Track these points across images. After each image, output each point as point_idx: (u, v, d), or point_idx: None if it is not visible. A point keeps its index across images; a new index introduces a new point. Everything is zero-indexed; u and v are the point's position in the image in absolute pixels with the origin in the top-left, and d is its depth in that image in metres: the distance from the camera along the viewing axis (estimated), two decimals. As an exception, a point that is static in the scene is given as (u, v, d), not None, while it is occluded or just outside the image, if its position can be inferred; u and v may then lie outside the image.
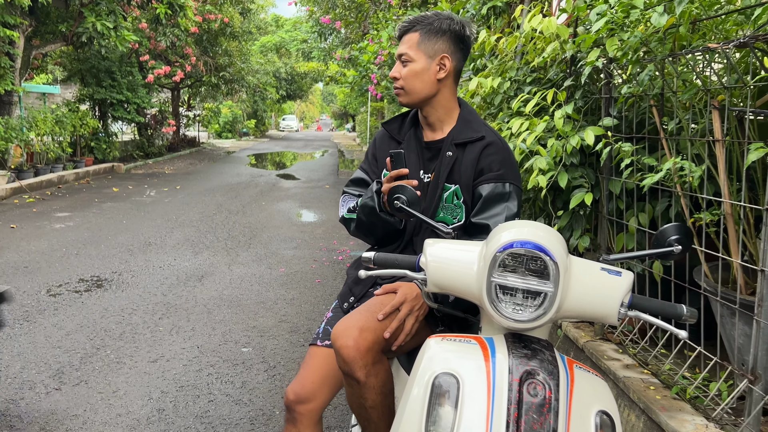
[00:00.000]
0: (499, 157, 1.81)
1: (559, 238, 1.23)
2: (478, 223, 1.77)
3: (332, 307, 2.00)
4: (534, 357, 1.18)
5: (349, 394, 1.65)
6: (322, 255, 6.25)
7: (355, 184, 2.03)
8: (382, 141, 2.00)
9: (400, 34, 1.88)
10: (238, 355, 3.60)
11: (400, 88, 1.86)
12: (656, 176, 2.44)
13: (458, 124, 1.90)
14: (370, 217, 1.80)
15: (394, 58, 1.96)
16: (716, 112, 2.28)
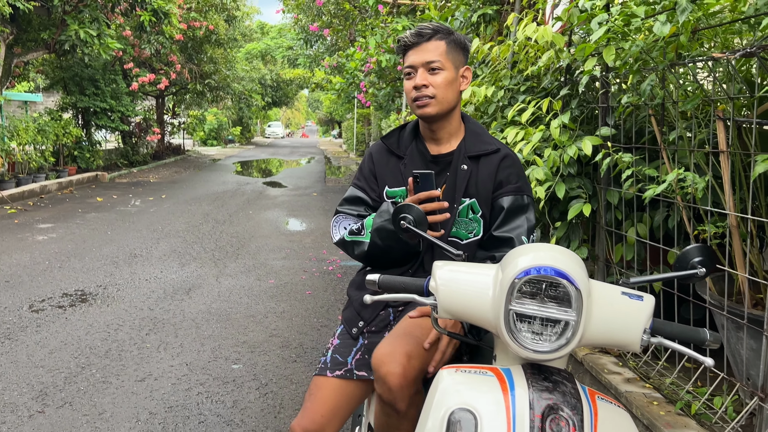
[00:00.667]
0: (516, 170, 1.78)
1: (579, 261, 1.16)
2: (501, 236, 1.72)
3: (338, 333, 1.89)
4: (555, 390, 1.11)
5: (381, 424, 1.56)
6: (311, 265, 6.15)
7: (350, 203, 1.92)
8: (380, 156, 1.90)
9: (415, 40, 1.76)
10: (229, 373, 3.50)
11: (430, 97, 1.74)
12: (659, 188, 2.39)
13: (467, 136, 1.83)
14: (387, 240, 1.71)
15: (407, 67, 1.82)
16: (720, 123, 2.23)
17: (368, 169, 1.91)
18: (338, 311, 4.67)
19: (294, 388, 3.33)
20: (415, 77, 1.76)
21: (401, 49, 1.83)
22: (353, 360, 1.77)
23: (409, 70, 1.78)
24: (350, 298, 1.91)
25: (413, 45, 1.78)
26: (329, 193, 12.57)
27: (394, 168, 1.86)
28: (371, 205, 1.87)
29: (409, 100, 1.81)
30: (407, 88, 1.80)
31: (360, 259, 1.83)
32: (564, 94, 3.24)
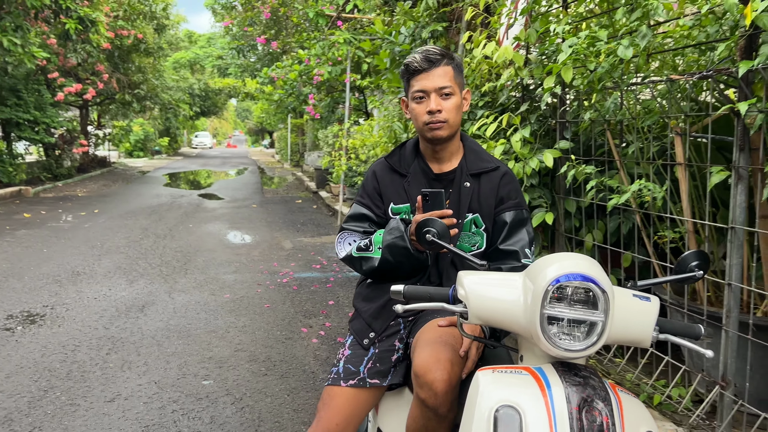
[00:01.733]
0: (514, 186, 1.91)
1: (600, 267, 1.30)
2: (507, 249, 1.84)
3: (348, 344, 1.95)
4: (587, 385, 1.23)
5: (418, 427, 1.62)
6: (265, 278, 6.13)
7: (356, 220, 1.98)
8: (384, 174, 1.97)
9: (426, 66, 1.82)
10: (200, 389, 3.47)
11: (443, 122, 1.82)
12: (622, 197, 2.59)
13: (467, 154, 1.94)
14: (399, 257, 1.79)
15: (418, 91, 1.86)
16: (678, 138, 2.46)
17: (372, 187, 1.98)
18: (300, 323, 4.70)
19: (270, 401, 3.34)
20: (427, 101, 1.83)
21: (409, 72, 1.88)
22: (365, 369, 1.85)
23: (421, 94, 1.84)
24: (357, 310, 1.98)
25: (422, 71, 1.83)
26: (269, 205, 12.47)
27: (398, 186, 1.94)
28: (376, 221, 1.95)
29: (419, 123, 1.87)
30: (419, 112, 1.85)
31: (368, 274, 1.90)
32: (524, 109, 3.43)
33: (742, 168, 2.18)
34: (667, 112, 2.52)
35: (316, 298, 5.41)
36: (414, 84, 1.85)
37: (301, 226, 9.70)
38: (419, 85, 1.83)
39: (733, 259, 2.22)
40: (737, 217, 2.20)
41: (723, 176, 2.25)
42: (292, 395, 3.42)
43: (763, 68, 1.99)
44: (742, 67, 2.01)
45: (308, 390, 3.49)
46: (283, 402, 3.33)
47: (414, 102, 1.87)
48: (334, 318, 4.84)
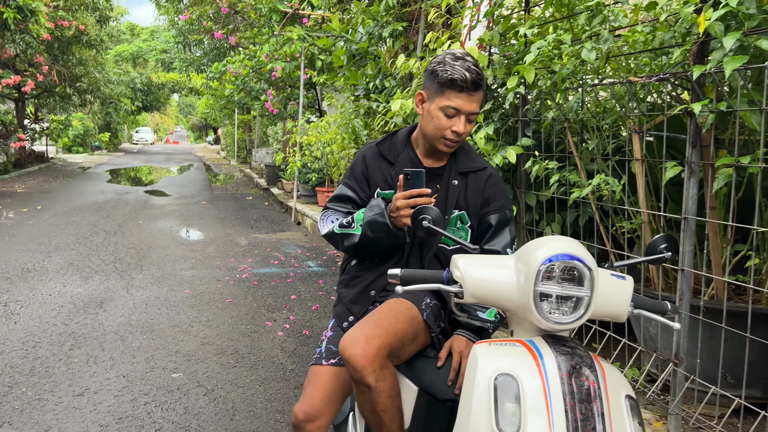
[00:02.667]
0: (500, 188, 2.01)
1: (584, 248, 1.43)
2: (489, 249, 1.95)
3: (330, 326, 2.05)
4: (574, 354, 1.37)
5: (360, 402, 1.74)
6: (223, 274, 6.12)
7: (340, 201, 2.05)
8: (373, 160, 2.04)
9: (471, 88, 1.81)
10: (171, 382, 3.48)
11: (458, 142, 1.88)
12: (585, 190, 2.77)
13: (457, 153, 2.01)
14: (378, 233, 1.86)
15: (452, 107, 1.82)
16: (636, 135, 2.66)
17: (360, 171, 2.04)
18: (263, 317, 4.74)
19: (242, 392, 3.39)
20: (456, 120, 1.84)
21: (452, 86, 1.80)
22: None
23: (453, 112, 1.83)
24: (339, 295, 2.07)
25: (466, 90, 1.80)
26: (219, 202, 12.33)
27: (385, 172, 2.03)
28: (359, 204, 2.02)
29: (437, 133, 1.87)
30: (444, 125, 1.84)
31: (348, 250, 1.98)
32: (487, 108, 3.59)
33: (694, 163, 2.38)
34: (626, 112, 2.72)
35: (278, 293, 5.45)
36: (450, 97, 1.82)
37: (254, 223, 9.66)
38: (457, 103, 1.82)
39: (686, 246, 2.43)
40: (689, 208, 2.41)
41: (677, 171, 2.46)
42: (264, 385, 3.47)
43: (714, 72, 2.19)
44: (696, 70, 2.21)
45: (279, 380, 3.55)
46: (255, 392, 3.39)
47: (442, 112, 1.85)
48: (297, 312, 4.90)
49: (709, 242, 2.53)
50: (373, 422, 1.79)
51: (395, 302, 1.85)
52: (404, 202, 1.80)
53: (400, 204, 1.81)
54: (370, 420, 1.79)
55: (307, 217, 9.42)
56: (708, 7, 2.19)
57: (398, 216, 1.82)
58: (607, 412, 1.32)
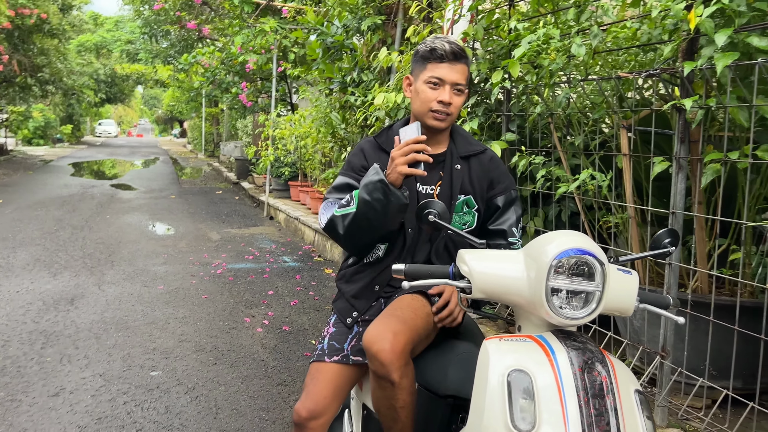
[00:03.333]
0: (503, 169, 2.00)
1: (594, 243, 1.43)
2: (495, 228, 1.94)
3: (332, 322, 1.99)
4: (585, 349, 1.36)
5: (378, 398, 1.71)
6: (198, 269, 6.00)
7: (339, 191, 1.97)
8: (372, 153, 1.98)
9: (451, 57, 1.83)
10: (150, 380, 3.40)
11: (448, 114, 1.86)
12: (573, 185, 2.78)
13: (455, 138, 1.99)
14: (374, 194, 1.73)
15: (435, 77, 1.82)
16: (624, 131, 2.68)
17: (360, 164, 1.97)
18: (241, 313, 4.66)
19: (224, 389, 3.32)
20: (441, 91, 1.83)
21: (432, 57, 1.84)
22: (349, 346, 1.91)
23: (436, 81, 1.83)
24: (340, 290, 2.03)
25: (446, 60, 1.83)
26: (188, 196, 12.12)
27: (384, 163, 1.99)
28: None
29: (424, 107, 1.87)
30: (429, 97, 1.84)
31: (346, 231, 1.84)
32: (472, 103, 3.58)
33: (683, 158, 2.41)
34: (613, 107, 2.74)
35: (255, 289, 5.37)
36: (433, 69, 1.84)
37: (225, 218, 9.52)
38: (439, 72, 1.83)
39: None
40: (677, 203, 2.44)
41: (665, 166, 2.48)
42: (246, 383, 3.41)
43: (706, 68, 2.21)
44: (687, 66, 2.23)
45: (261, 377, 3.49)
46: (238, 390, 3.33)
47: (427, 85, 1.85)
48: (275, 308, 4.84)
49: (696, 236, 2.56)
50: (388, 418, 1.75)
51: (411, 298, 1.82)
52: (398, 152, 1.72)
53: (394, 154, 1.73)
54: (385, 416, 1.75)
55: (280, 212, 9.33)
56: (699, 3, 2.21)
57: (393, 169, 1.73)
58: (620, 407, 1.32)
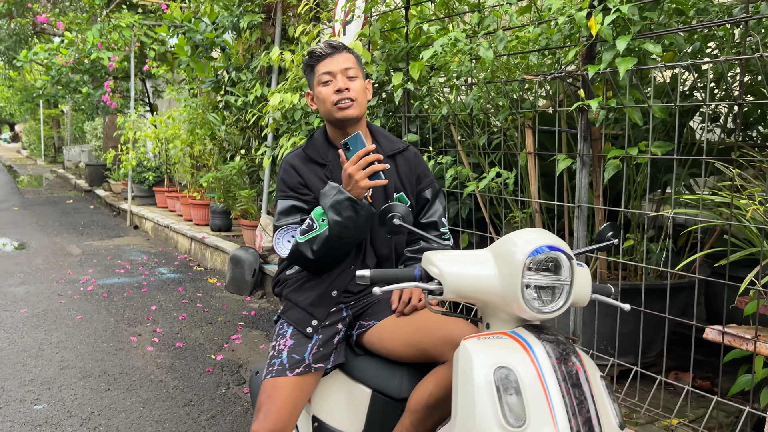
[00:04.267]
0: (425, 164, 2.08)
1: (559, 239, 1.49)
2: (427, 221, 2.00)
3: (288, 334, 1.89)
4: (558, 341, 1.42)
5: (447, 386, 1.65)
6: (64, 288, 5.46)
7: (287, 215, 1.91)
8: (303, 166, 1.94)
9: (329, 51, 1.88)
10: (35, 415, 3.03)
11: (351, 100, 1.86)
12: (482, 183, 2.89)
13: (378, 138, 2.01)
14: (346, 212, 1.71)
15: (325, 74, 1.83)
16: (529, 131, 2.83)
17: (296, 181, 1.92)
18: (126, 332, 4.31)
19: (124, 416, 3.05)
20: (334, 83, 1.87)
21: (313, 59, 1.92)
22: (310, 355, 1.84)
23: (327, 77, 1.87)
24: (291, 301, 1.94)
25: (327, 56, 1.90)
26: (34, 207, 11.00)
27: (319, 174, 1.94)
28: (307, 210, 1.91)
29: (328, 104, 1.88)
30: (326, 94, 1.87)
31: (318, 254, 1.79)
32: (373, 104, 3.60)
33: (586, 156, 2.60)
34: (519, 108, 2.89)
35: (135, 305, 4.99)
36: (319, 69, 1.89)
37: (84, 229, 8.76)
38: (325, 68, 1.88)
39: (580, 231, 2.64)
40: (582, 197, 2.63)
41: (568, 163, 2.66)
42: (148, 407, 3.16)
43: (608, 72, 2.40)
44: (590, 70, 2.41)
45: (164, 400, 3.25)
46: (141, 415, 3.07)
47: (321, 86, 1.88)
48: (163, 324, 4.53)
49: (596, 226, 2.78)
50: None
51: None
52: (354, 168, 1.70)
53: (351, 171, 1.70)
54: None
55: (147, 220, 8.75)
56: (598, 12, 2.39)
57: (354, 185, 1.71)
58: (594, 393, 1.39)
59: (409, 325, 1.81)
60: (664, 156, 2.41)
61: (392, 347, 1.84)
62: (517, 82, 2.86)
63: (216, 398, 3.28)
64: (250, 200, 5.69)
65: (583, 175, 2.61)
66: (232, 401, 3.25)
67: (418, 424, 1.71)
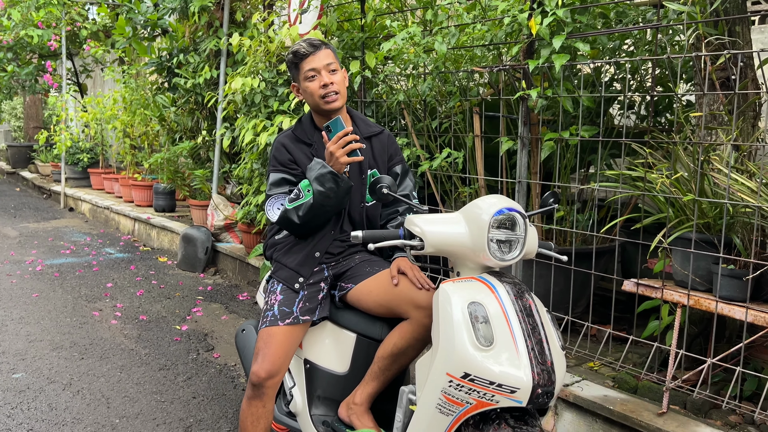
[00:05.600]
0: (397, 145, 2.41)
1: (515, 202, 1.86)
2: (402, 193, 2.32)
3: (279, 290, 2.19)
4: (515, 283, 1.81)
5: (419, 338, 2.01)
6: (12, 268, 5.47)
7: (278, 186, 2.21)
8: (292, 145, 2.24)
9: (312, 50, 2.15)
10: (15, 383, 3.18)
11: (336, 93, 2.15)
12: (435, 162, 3.26)
13: (356, 122, 2.32)
14: (328, 183, 2.00)
15: (310, 70, 2.12)
16: (476, 116, 3.21)
17: (286, 158, 2.22)
18: (86, 308, 4.44)
19: (104, 380, 3.25)
20: (319, 78, 2.15)
21: (297, 58, 2.18)
22: (297, 308, 2.15)
23: (312, 73, 2.15)
24: (280, 262, 2.24)
25: (309, 54, 2.16)
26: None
27: (306, 152, 2.24)
28: (295, 182, 2.21)
29: (315, 97, 2.17)
30: (313, 88, 2.16)
31: (303, 219, 2.08)
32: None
33: (526, 138, 3.01)
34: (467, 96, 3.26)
35: (90, 283, 5.09)
36: (304, 66, 2.16)
37: (15, 212, 8.57)
38: (309, 65, 2.15)
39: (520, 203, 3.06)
40: (522, 174, 3.04)
41: (510, 144, 3.07)
42: (126, 372, 3.37)
43: (545, 66, 2.81)
44: (531, 64, 2.80)
45: (139, 365, 3.47)
46: (120, 379, 3.28)
47: (307, 81, 2.16)
48: (122, 299, 4.68)
49: (533, 199, 3.21)
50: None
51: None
52: (335, 146, 2.00)
53: (332, 149, 2.01)
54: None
55: (83, 202, 8.65)
56: (537, 14, 2.79)
57: (335, 161, 2.02)
58: (543, 322, 1.79)
59: (381, 289, 2.16)
60: (591, 138, 2.85)
61: (368, 307, 2.19)
62: (465, 73, 3.23)
63: (189, 362, 3.53)
64: (203, 179, 5.84)
65: (524, 155, 3.03)
66: (204, 365, 3.51)
67: (385, 369, 2.09)
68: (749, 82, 2.70)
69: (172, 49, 6.40)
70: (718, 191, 2.50)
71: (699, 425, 2.50)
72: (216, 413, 2.94)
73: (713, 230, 2.54)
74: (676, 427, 2.48)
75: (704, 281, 2.55)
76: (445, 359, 1.71)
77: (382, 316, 2.17)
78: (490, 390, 1.64)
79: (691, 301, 2.51)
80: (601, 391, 2.79)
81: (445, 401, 1.70)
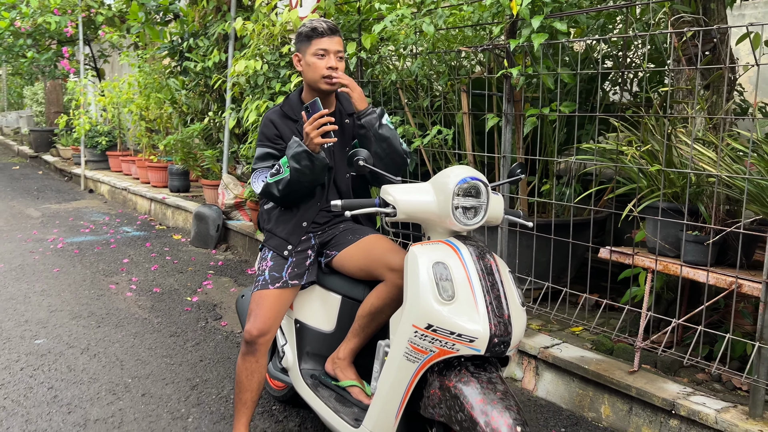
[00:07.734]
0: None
1: (478, 172, 2.03)
2: None
3: (269, 257, 2.39)
4: (478, 246, 1.98)
5: (393, 298, 2.18)
6: (35, 246, 5.76)
7: (262, 160, 2.39)
8: (280, 120, 2.41)
9: (330, 33, 2.29)
10: (37, 348, 3.45)
11: (337, 79, 2.31)
12: (426, 139, 3.42)
13: (341, 100, 2.49)
14: (303, 161, 2.18)
15: (321, 49, 2.29)
16: (464, 94, 3.36)
17: (273, 133, 2.40)
18: (104, 282, 4.71)
19: (119, 346, 3.50)
20: (327, 59, 2.30)
21: (315, 34, 2.30)
22: (286, 273, 2.35)
23: (323, 52, 2.30)
24: (271, 231, 2.44)
25: (326, 34, 2.30)
26: (-19, 173, 10.95)
27: (292, 128, 2.42)
28: (279, 156, 2.39)
29: (317, 75, 2.31)
30: (320, 66, 2.30)
31: (283, 196, 2.30)
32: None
33: (509, 114, 3.16)
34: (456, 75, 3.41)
35: (107, 259, 5.36)
36: (317, 43, 2.29)
37: (38, 194, 8.90)
38: (323, 45, 2.29)
39: (504, 177, 3.22)
40: (506, 149, 3.19)
41: (496, 120, 3.22)
42: (139, 338, 3.62)
43: (525, 45, 2.95)
44: (512, 43, 2.94)
45: (151, 333, 3.71)
46: (133, 345, 3.53)
47: (315, 57, 2.31)
48: (137, 274, 4.94)
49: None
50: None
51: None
52: (310, 127, 2.17)
53: (308, 130, 2.17)
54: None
55: (102, 184, 8.95)
56: (518, -5, 2.92)
57: (310, 141, 2.18)
58: (503, 280, 1.96)
59: (360, 255, 2.34)
60: (570, 114, 2.99)
61: (350, 271, 2.38)
62: (455, 53, 3.38)
63: (198, 330, 3.77)
64: (213, 160, 6.06)
65: (507, 131, 3.18)
66: (212, 332, 3.74)
67: (365, 327, 2.29)
68: (720, 57, 2.81)
69: (183, 34, 6.60)
70: (685, 162, 2.63)
71: (666, 382, 2.67)
72: (221, 374, 3.17)
73: (681, 199, 2.68)
74: (645, 383, 2.66)
75: (674, 248, 2.70)
76: (412, 312, 1.89)
77: (364, 279, 2.36)
78: (451, 339, 1.83)
79: (659, 266, 2.66)
80: (578, 353, 2.97)
81: (411, 350, 1.89)
